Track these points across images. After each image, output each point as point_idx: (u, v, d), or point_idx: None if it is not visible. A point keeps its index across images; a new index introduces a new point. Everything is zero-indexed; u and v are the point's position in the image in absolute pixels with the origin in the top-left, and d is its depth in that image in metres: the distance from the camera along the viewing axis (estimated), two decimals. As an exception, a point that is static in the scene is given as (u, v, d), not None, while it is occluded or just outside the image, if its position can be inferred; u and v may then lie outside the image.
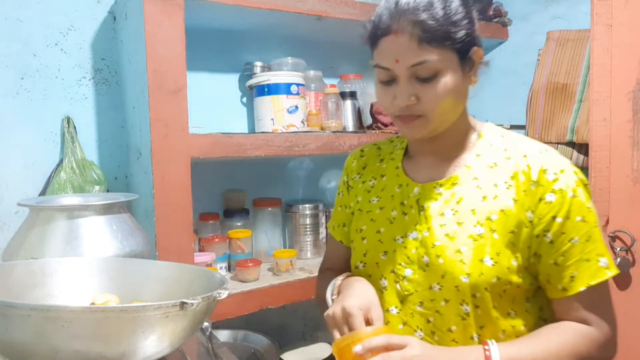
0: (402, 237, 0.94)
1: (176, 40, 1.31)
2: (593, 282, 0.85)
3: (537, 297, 0.91)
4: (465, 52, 0.87)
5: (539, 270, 0.88)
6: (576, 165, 1.82)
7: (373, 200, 1.02)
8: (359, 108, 1.84)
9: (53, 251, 1.00)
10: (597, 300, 0.87)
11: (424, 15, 0.82)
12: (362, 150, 1.12)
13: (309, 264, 1.71)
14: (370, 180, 1.05)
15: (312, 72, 1.80)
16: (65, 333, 0.65)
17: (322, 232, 1.82)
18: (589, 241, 0.86)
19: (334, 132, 1.65)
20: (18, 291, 0.86)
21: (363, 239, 1.00)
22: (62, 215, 1.03)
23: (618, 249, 1.39)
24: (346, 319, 0.86)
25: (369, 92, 1.87)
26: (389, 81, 0.88)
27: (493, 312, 0.87)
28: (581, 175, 0.89)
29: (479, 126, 0.98)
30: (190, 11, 1.35)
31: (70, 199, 1.20)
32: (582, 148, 1.77)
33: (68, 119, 1.48)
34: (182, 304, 0.68)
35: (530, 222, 0.86)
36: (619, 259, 1.38)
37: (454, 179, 0.92)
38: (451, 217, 0.90)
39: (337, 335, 0.87)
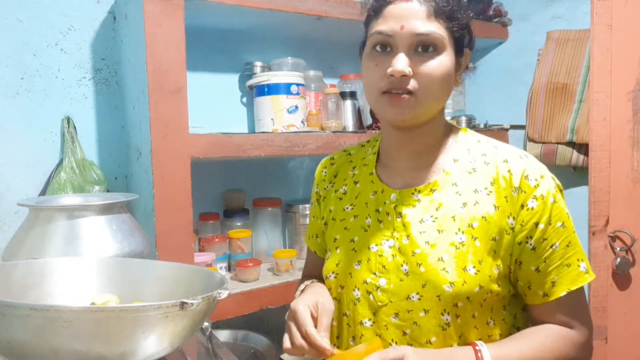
0: (376, 245, 0.90)
1: (176, 40, 1.31)
2: (573, 287, 0.85)
3: (511, 306, 0.90)
4: (460, 45, 0.86)
5: (519, 276, 0.87)
6: (576, 165, 1.84)
7: (347, 209, 0.98)
8: (359, 108, 1.84)
9: (53, 251, 1.00)
10: (576, 304, 0.87)
11: None
12: (332, 158, 1.08)
13: (309, 264, 1.71)
14: (342, 188, 1.01)
15: (312, 72, 1.80)
16: (65, 333, 0.65)
17: (322, 232, 1.82)
18: (569, 246, 0.86)
19: (334, 132, 1.65)
20: (18, 291, 0.86)
21: (337, 248, 0.96)
22: (62, 215, 1.03)
23: (618, 249, 1.39)
24: (293, 317, 0.84)
25: (369, 92, 1.87)
26: (384, 50, 0.84)
27: (473, 321, 0.85)
28: (557, 181, 0.89)
29: (454, 130, 0.95)
30: (190, 11, 1.35)
31: (70, 199, 1.20)
32: (582, 148, 1.77)
33: (68, 119, 1.48)
34: (182, 304, 0.68)
35: (512, 228, 0.85)
36: (619, 259, 1.38)
37: (432, 185, 0.90)
38: (431, 224, 0.87)
39: (286, 340, 0.83)
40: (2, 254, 1.10)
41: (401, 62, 0.82)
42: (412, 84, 0.83)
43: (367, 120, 1.85)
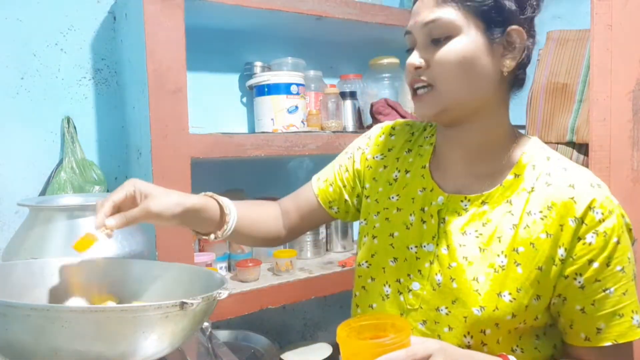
0: (416, 247, 0.85)
1: (176, 40, 1.31)
2: (622, 341, 0.77)
3: (549, 336, 0.83)
4: (493, 23, 0.77)
5: (562, 312, 0.80)
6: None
7: (392, 198, 0.92)
8: (359, 108, 1.84)
9: (53, 251, 1.00)
10: (620, 356, 0.80)
11: None
12: (393, 128, 1.00)
13: (309, 264, 1.71)
14: (394, 172, 0.94)
15: (312, 72, 1.79)
16: (65, 333, 0.65)
17: (322, 232, 1.82)
18: (626, 295, 0.77)
19: (334, 132, 1.65)
20: (18, 291, 0.86)
21: (374, 237, 0.91)
22: (62, 215, 1.03)
23: (618, 249, 1.39)
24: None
25: (369, 92, 1.87)
26: (411, 49, 0.83)
27: (497, 347, 0.79)
28: (628, 220, 0.79)
29: (523, 141, 0.87)
30: (190, 11, 1.35)
31: (70, 199, 1.20)
32: (582, 148, 1.77)
33: (68, 119, 1.48)
34: (182, 304, 0.68)
35: (562, 260, 0.76)
36: (619, 259, 1.38)
37: (485, 197, 0.82)
38: (473, 239, 0.81)
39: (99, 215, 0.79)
40: (2, 254, 1.10)
41: (413, 55, 0.81)
42: (429, 75, 0.79)
43: (367, 120, 1.85)
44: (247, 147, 1.43)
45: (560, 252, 0.77)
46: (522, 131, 2.00)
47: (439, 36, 0.78)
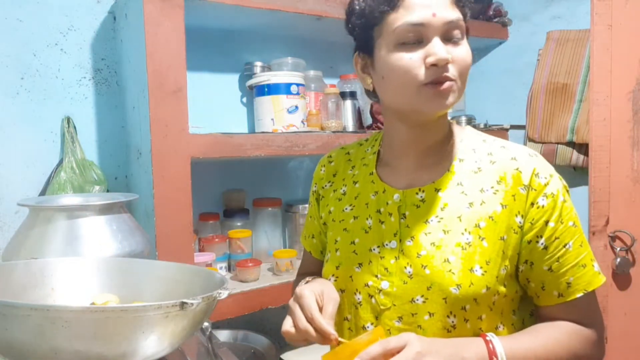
0: (378, 247, 0.88)
1: (176, 40, 1.31)
2: (590, 289, 0.84)
3: (521, 311, 0.88)
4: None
5: (531, 277, 0.85)
6: (576, 165, 1.84)
7: (346, 209, 0.95)
8: (359, 108, 1.84)
9: (53, 251, 1.00)
10: (590, 305, 0.86)
11: None
12: (329, 157, 1.05)
13: (309, 264, 1.71)
14: (341, 188, 0.99)
15: (312, 72, 1.80)
16: (65, 333, 0.65)
17: (322, 232, 1.82)
18: (582, 247, 0.84)
19: (334, 132, 1.65)
20: (18, 291, 0.86)
21: (337, 250, 0.93)
22: (62, 215, 1.03)
23: (618, 249, 1.39)
24: (298, 301, 0.82)
25: (369, 92, 1.87)
26: (415, 43, 0.80)
27: (479, 323, 0.82)
28: (564, 182, 0.87)
29: (458, 130, 0.93)
30: (190, 11, 1.35)
31: (70, 199, 1.20)
32: (582, 148, 1.78)
33: (68, 119, 1.48)
34: (182, 304, 0.68)
35: (520, 227, 0.83)
36: (619, 259, 1.38)
37: (437, 185, 0.87)
38: (436, 225, 0.84)
39: (287, 323, 0.81)
40: (2, 254, 1.10)
41: (442, 49, 0.78)
42: (452, 71, 0.80)
43: (367, 120, 1.85)
44: (247, 147, 1.43)
45: (518, 219, 0.83)
46: (522, 131, 2.02)
47: (457, 36, 0.81)
